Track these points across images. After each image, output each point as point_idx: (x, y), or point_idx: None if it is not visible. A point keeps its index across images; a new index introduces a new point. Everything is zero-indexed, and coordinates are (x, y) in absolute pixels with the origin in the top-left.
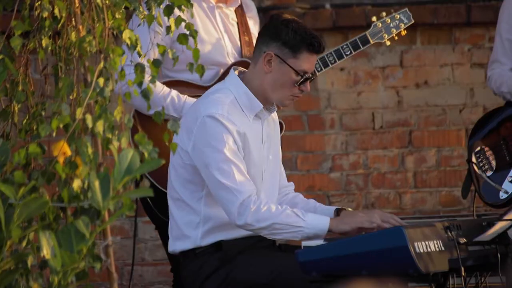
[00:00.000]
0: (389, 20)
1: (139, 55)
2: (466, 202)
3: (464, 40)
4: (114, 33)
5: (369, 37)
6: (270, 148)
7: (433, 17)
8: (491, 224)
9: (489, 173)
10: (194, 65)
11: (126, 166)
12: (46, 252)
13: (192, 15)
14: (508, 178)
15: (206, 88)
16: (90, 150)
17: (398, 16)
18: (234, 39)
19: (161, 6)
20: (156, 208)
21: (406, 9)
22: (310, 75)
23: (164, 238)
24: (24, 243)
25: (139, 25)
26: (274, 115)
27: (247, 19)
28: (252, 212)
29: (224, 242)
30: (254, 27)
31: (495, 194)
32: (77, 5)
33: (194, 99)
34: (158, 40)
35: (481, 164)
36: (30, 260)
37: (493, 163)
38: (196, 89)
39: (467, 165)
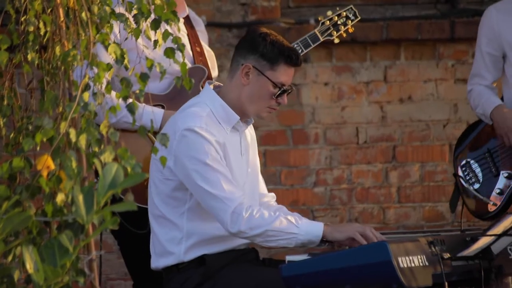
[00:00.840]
0: (336, 18)
1: (126, 69)
2: (449, 217)
3: (448, 55)
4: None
5: (319, 35)
6: (248, 161)
7: (417, 32)
8: (474, 239)
9: (476, 185)
10: (181, 78)
11: (110, 180)
12: (29, 266)
13: (179, 30)
14: (496, 190)
15: (162, 97)
16: (74, 164)
17: (345, 14)
18: (186, 50)
19: (148, 20)
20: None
21: (351, 6)
22: (288, 88)
23: (125, 254)
24: (9, 258)
25: (126, 39)
26: (250, 127)
27: (197, 32)
28: (245, 220)
29: (207, 256)
30: (202, 41)
31: (484, 207)
32: (62, 19)
33: (152, 107)
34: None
35: (467, 178)
36: (16, 274)
37: (480, 175)
38: (153, 98)
39: (453, 179)
